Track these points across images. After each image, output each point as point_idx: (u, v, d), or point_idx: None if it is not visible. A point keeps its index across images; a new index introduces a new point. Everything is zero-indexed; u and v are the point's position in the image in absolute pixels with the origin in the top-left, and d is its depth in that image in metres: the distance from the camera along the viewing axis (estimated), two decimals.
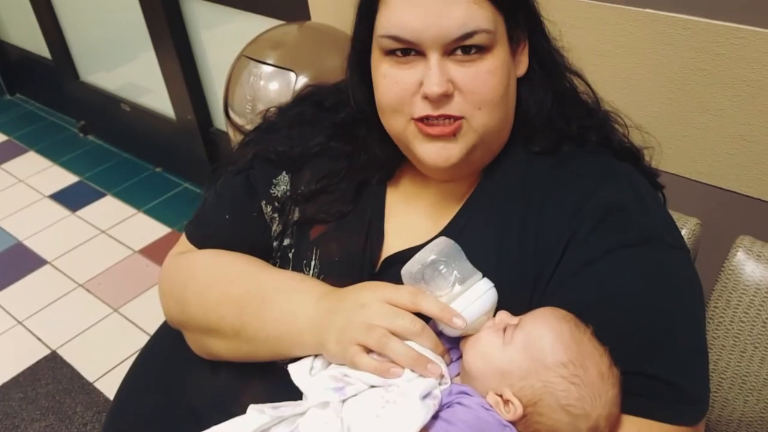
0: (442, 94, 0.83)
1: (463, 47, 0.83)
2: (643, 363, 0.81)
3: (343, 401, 0.78)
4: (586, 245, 0.86)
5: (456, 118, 0.85)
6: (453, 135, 0.86)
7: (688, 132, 1.47)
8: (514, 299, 0.86)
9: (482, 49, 0.84)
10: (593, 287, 0.84)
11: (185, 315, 1.03)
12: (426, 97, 0.84)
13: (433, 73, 0.83)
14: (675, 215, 1.00)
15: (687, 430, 0.82)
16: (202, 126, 2.91)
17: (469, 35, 0.82)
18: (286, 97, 1.78)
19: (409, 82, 0.85)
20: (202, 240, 1.08)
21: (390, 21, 0.84)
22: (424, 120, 0.86)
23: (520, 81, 0.92)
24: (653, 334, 0.82)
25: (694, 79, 1.42)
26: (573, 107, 0.96)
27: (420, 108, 0.86)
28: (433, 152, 0.88)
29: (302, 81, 1.77)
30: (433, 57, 0.83)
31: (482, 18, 0.83)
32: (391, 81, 0.87)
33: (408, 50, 0.85)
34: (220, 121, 2.90)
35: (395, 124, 0.90)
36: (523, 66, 0.92)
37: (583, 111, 0.97)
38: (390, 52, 0.86)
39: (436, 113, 0.85)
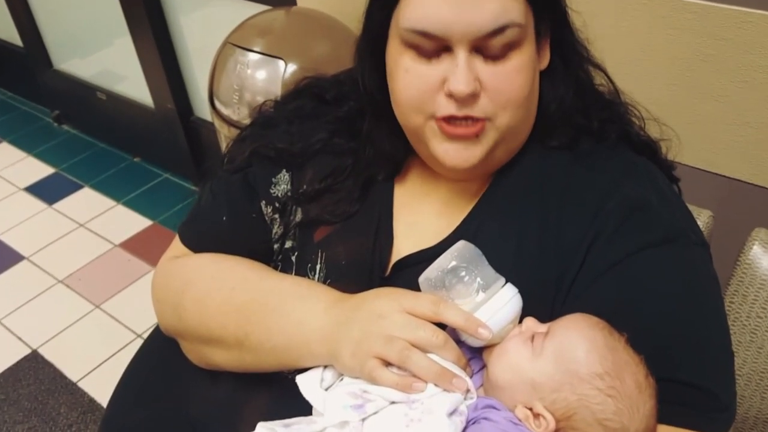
0: (470, 94, 0.78)
1: (492, 42, 0.78)
2: (675, 369, 0.77)
3: (363, 420, 0.73)
4: (610, 246, 0.82)
5: (480, 120, 0.81)
6: (476, 136, 0.82)
7: (694, 119, 1.44)
8: (535, 304, 0.81)
9: (511, 45, 0.79)
10: (619, 290, 0.81)
11: (183, 324, 0.97)
12: (451, 96, 0.79)
13: (460, 71, 0.78)
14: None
15: None
16: (182, 115, 2.86)
17: (501, 30, 0.77)
18: (275, 86, 1.74)
19: (433, 78, 0.80)
20: (197, 243, 1.03)
21: (417, 12, 0.78)
22: (446, 119, 0.81)
23: (541, 74, 0.88)
24: (684, 339, 0.79)
25: (699, 64, 1.39)
26: (593, 101, 0.92)
27: (443, 107, 0.81)
28: (452, 152, 0.83)
29: (291, 69, 1.72)
30: (461, 53, 0.78)
31: (515, 11, 0.78)
32: (414, 76, 0.81)
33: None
34: (200, 110, 2.85)
35: (413, 120, 0.85)
36: (545, 59, 0.88)
37: (603, 105, 0.93)
38: (412, 44, 0.81)
39: (461, 114, 0.80)
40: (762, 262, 1.10)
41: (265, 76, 1.76)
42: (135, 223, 2.86)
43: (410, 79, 0.82)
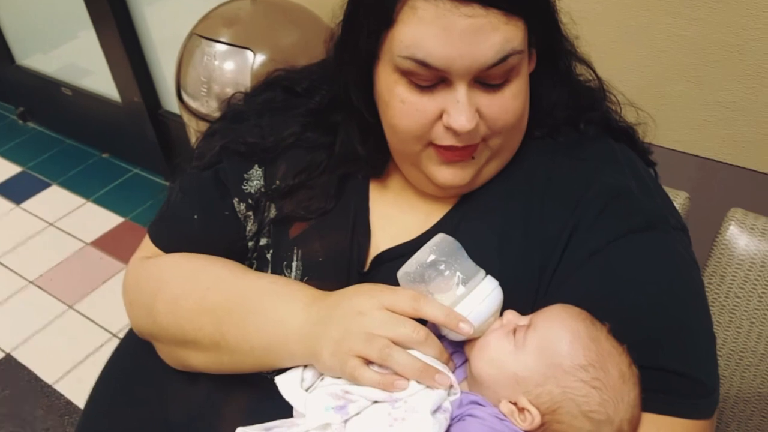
0: (472, 130, 0.77)
1: (492, 72, 0.76)
2: (658, 357, 0.77)
3: (346, 421, 0.72)
4: (591, 234, 0.82)
5: (476, 143, 0.81)
6: (472, 158, 0.82)
7: (666, 100, 1.44)
8: (518, 296, 0.81)
9: (510, 71, 0.77)
10: (600, 280, 0.80)
11: (157, 326, 0.95)
12: (450, 128, 0.78)
13: (462, 107, 0.76)
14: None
15: (705, 424, 0.78)
16: (150, 108, 2.81)
17: (503, 60, 0.75)
18: (244, 78, 1.71)
19: (431, 111, 0.79)
20: (168, 243, 1.00)
21: (415, 42, 0.75)
22: (444, 147, 0.81)
23: (530, 75, 0.86)
24: (666, 326, 0.79)
25: (671, 45, 1.39)
26: (577, 94, 0.91)
27: (442, 137, 0.80)
28: (449, 174, 0.84)
29: (260, 59, 1.69)
30: (461, 87, 0.76)
31: (517, 39, 0.75)
32: (411, 108, 0.79)
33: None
34: (169, 103, 2.81)
35: (410, 148, 0.84)
36: (533, 62, 0.85)
37: (585, 96, 0.92)
38: (407, 72, 0.78)
39: (461, 144, 0.80)
40: (739, 242, 1.10)
41: (234, 68, 1.73)
42: (106, 220, 2.81)
43: (407, 111, 0.79)
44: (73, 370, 2.22)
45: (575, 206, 0.83)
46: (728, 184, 1.43)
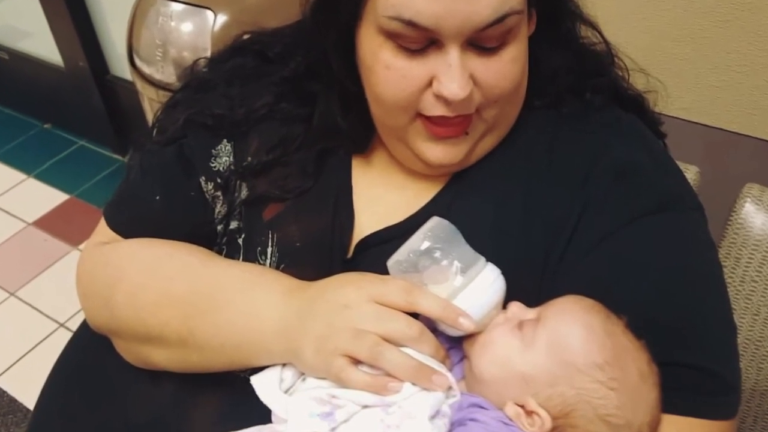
0: (465, 98, 0.75)
1: (488, 33, 0.74)
2: (677, 351, 0.76)
3: (334, 429, 0.70)
4: (601, 216, 0.81)
5: (469, 115, 0.79)
6: (465, 133, 0.80)
7: (672, 64, 1.43)
8: (520, 282, 0.79)
9: (507, 33, 0.75)
10: (611, 265, 0.80)
11: (115, 320, 0.93)
12: (441, 97, 0.76)
13: (454, 72, 0.74)
14: None
15: (726, 425, 0.77)
16: (96, 73, 2.80)
17: (500, 20, 0.73)
18: (203, 41, 1.69)
19: (419, 77, 0.76)
20: (127, 227, 0.98)
21: (401, 0, 0.72)
22: (434, 119, 0.79)
23: (529, 38, 0.84)
24: (681, 314, 0.78)
25: (677, 3, 1.38)
26: (582, 58, 0.90)
27: (432, 107, 0.78)
28: (439, 152, 0.82)
29: (222, 20, 1.68)
30: (453, 50, 0.74)
31: None
32: (397, 74, 0.77)
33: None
34: (117, 67, 2.79)
35: (397, 121, 0.82)
36: (533, 23, 0.84)
37: (591, 61, 0.91)
38: (393, 35, 0.75)
39: (453, 114, 0.78)
40: (755, 220, 1.09)
41: (192, 29, 1.71)
42: (49, 197, 2.79)
43: (393, 77, 0.77)
44: (16, 364, 2.20)
45: (582, 184, 0.82)
46: (742, 156, 1.43)
